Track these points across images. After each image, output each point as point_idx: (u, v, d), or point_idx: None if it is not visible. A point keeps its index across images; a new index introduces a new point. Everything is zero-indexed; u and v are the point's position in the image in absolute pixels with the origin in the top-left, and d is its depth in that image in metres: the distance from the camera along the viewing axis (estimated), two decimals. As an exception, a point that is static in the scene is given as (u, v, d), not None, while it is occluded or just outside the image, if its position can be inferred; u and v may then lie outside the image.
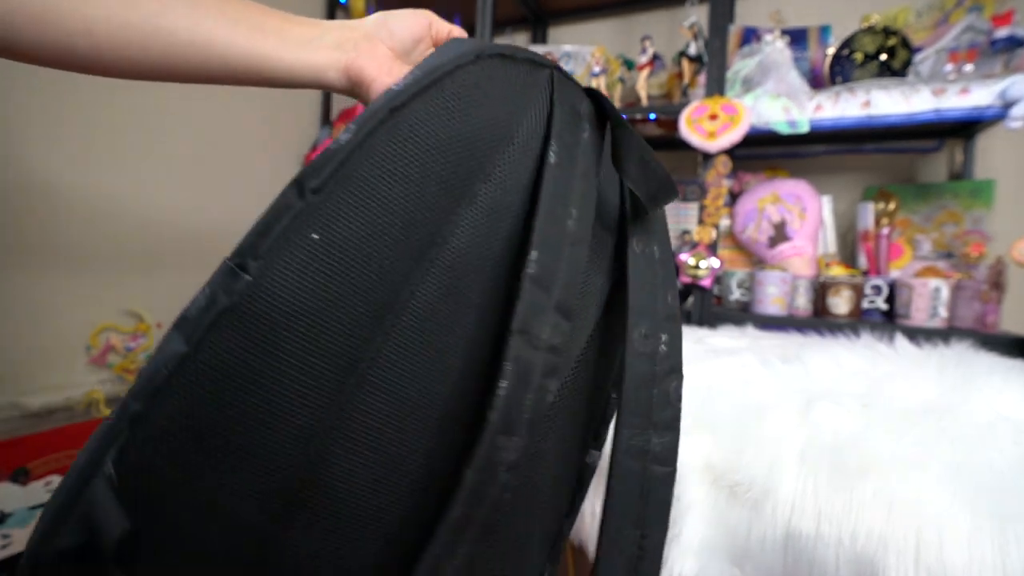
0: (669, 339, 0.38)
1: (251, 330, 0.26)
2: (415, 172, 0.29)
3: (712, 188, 1.13)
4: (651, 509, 0.36)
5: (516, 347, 0.29)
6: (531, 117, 0.34)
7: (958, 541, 0.52)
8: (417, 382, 0.30)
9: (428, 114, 0.29)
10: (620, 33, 1.61)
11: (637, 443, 0.36)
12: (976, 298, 0.98)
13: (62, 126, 1.07)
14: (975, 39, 1.06)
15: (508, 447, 0.29)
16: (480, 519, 0.29)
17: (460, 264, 0.31)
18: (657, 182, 0.38)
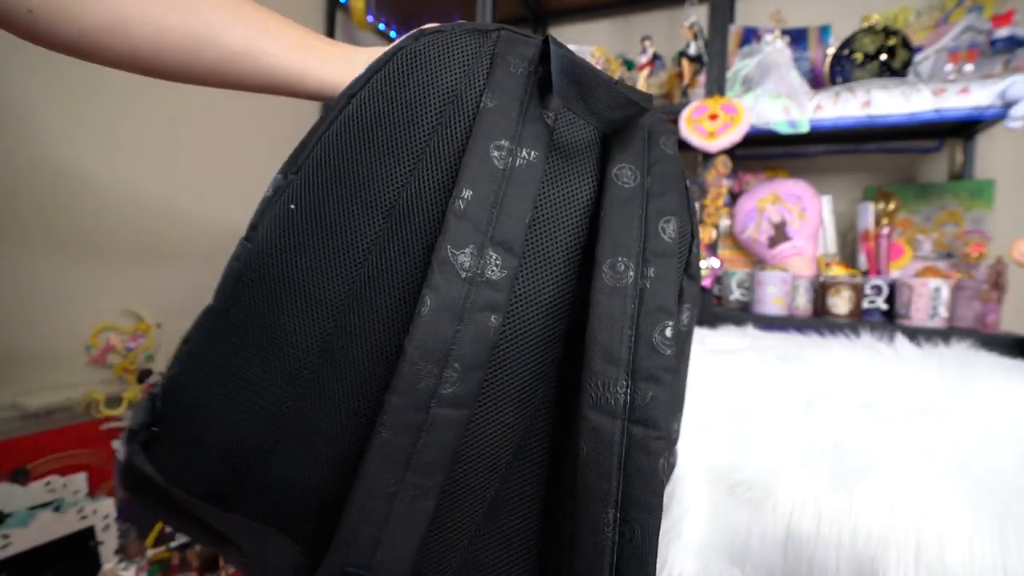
0: (658, 275, 0.32)
1: (251, 283, 0.34)
2: (369, 144, 0.34)
3: (712, 188, 1.13)
4: (633, 484, 0.29)
5: (435, 278, 0.30)
6: (477, 79, 0.35)
7: (959, 541, 0.52)
8: (375, 331, 0.34)
9: (376, 93, 0.34)
10: (620, 33, 1.61)
11: (607, 396, 0.30)
12: (976, 298, 0.98)
13: (62, 126, 1.07)
14: (975, 39, 1.06)
15: (440, 377, 0.30)
16: (420, 453, 0.30)
17: (413, 220, 0.34)
18: (601, 99, 0.35)
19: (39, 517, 0.86)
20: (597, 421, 0.30)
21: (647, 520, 0.29)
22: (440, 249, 0.30)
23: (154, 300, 1.25)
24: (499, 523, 0.36)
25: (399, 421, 0.30)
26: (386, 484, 0.30)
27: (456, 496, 0.34)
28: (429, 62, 0.35)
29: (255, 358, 0.34)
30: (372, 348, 0.33)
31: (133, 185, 1.20)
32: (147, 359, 1.22)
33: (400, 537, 0.30)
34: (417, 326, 0.30)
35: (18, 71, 0.99)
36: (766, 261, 1.23)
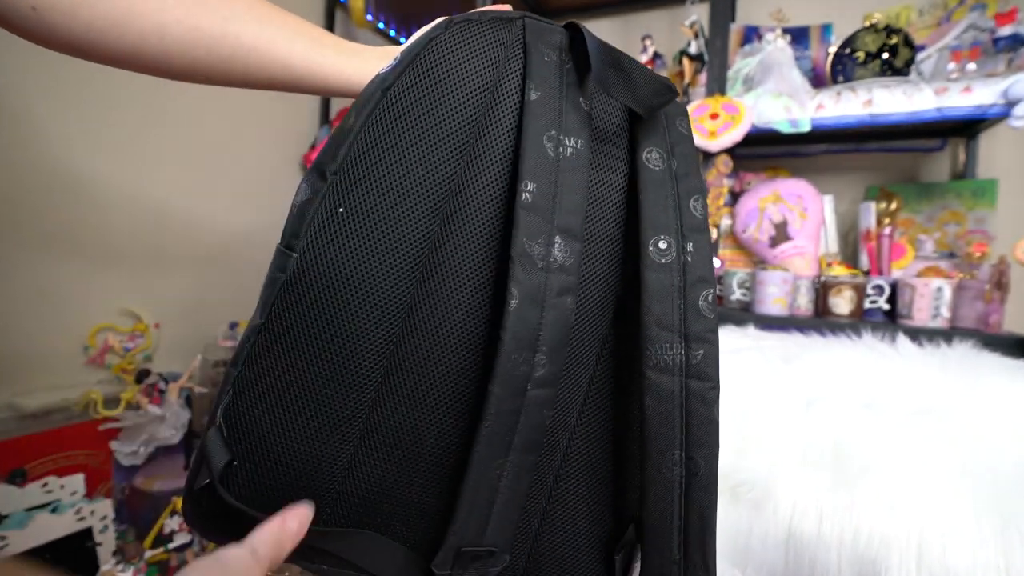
0: (696, 249, 0.37)
1: (304, 295, 0.33)
2: (412, 138, 0.34)
3: (713, 187, 1.12)
4: (694, 429, 0.35)
5: (516, 271, 0.32)
6: (512, 69, 0.36)
7: (961, 542, 0.52)
8: (452, 324, 0.35)
9: (413, 85, 0.34)
10: (620, 32, 1.61)
11: (667, 357, 0.35)
12: (979, 298, 0.97)
13: (60, 126, 1.06)
14: (978, 37, 1.05)
15: (532, 362, 0.33)
16: (520, 435, 0.33)
17: (474, 213, 0.35)
18: (642, 86, 0.37)
19: (36, 518, 0.86)
20: (658, 379, 0.35)
21: (709, 456, 0.34)
22: (517, 243, 0.32)
23: (152, 300, 1.24)
24: (569, 481, 0.40)
25: (502, 409, 0.32)
26: (493, 467, 0.33)
27: (539, 465, 0.38)
28: (462, 52, 0.35)
29: (316, 369, 0.33)
30: (446, 342, 0.35)
31: (132, 185, 1.20)
32: (145, 359, 1.22)
33: (505, 513, 0.34)
34: (508, 317, 0.32)
35: (15, 71, 0.99)
36: (767, 261, 1.22)
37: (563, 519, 0.41)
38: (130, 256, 1.21)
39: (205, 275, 1.35)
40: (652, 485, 0.35)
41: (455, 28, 0.35)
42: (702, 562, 0.35)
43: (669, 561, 0.35)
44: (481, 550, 0.34)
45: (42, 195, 1.04)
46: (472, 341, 0.35)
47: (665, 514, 0.35)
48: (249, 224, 1.49)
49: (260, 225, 1.53)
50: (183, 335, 1.31)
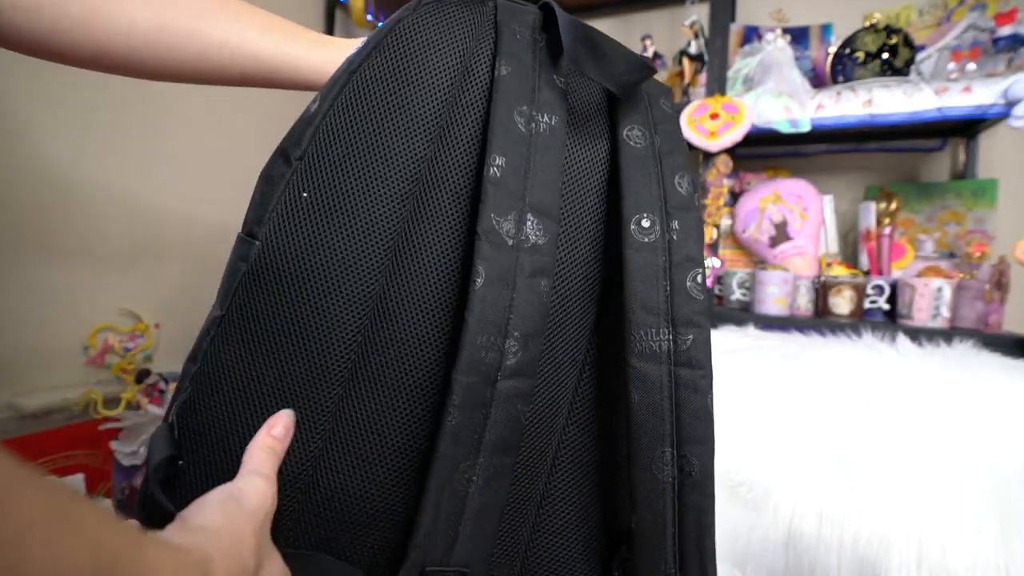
0: (682, 227, 0.34)
1: (268, 284, 0.31)
2: (380, 121, 0.32)
3: (713, 188, 1.12)
4: (686, 422, 0.31)
5: (484, 248, 0.30)
6: (483, 48, 0.35)
7: (961, 542, 0.52)
8: (423, 312, 0.32)
9: (380, 67, 0.32)
10: (620, 32, 1.61)
11: (653, 344, 0.32)
12: (979, 298, 0.97)
13: (62, 125, 1.06)
14: (978, 37, 1.05)
15: (502, 349, 0.29)
16: (490, 431, 0.29)
17: (445, 196, 0.33)
18: (616, 63, 0.35)
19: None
20: (644, 368, 0.32)
21: (703, 452, 0.31)
22: (484, 218, 0.30)
23: (152, 300, 1.24)
24: (561, 489, 0.37)
25: (468, 400, 0.29)
26: (461, 470, 0.29)
27: (522, 470, 0.34)
28: (432, 32, 0.34)
29: (282, 363, 0.31)
30: (417, 331, 0.32)
31: (131, 186, 1.20)
32: (145, 359, 1.22)
33: (478, 526, 0.30)
34: (474, 298, 0.29)
35: (9, 74, 0.99)
36: (767, 261, 1.22)
37: (555, 533, 0.37)
38: (130, 256, 1.21)
39: (205, 275, 1.35)
40: (641, 488, 0.32)
41: (423, 9, 0.34)
42: (700, 574, 0.31)
43: (662, 574, 0.31)
44: (449, 570, 0.29)
45: (42, 196, 1.04)
46: (443, 330, 0.33)
47: (657, 521, 0.31)
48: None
49: (260, 225, 1.52)
50: (183, 335, 1.31)
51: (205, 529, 0.24)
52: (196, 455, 0.31)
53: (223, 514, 0.25)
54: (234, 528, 0.25)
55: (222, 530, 0.24)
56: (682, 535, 0.31)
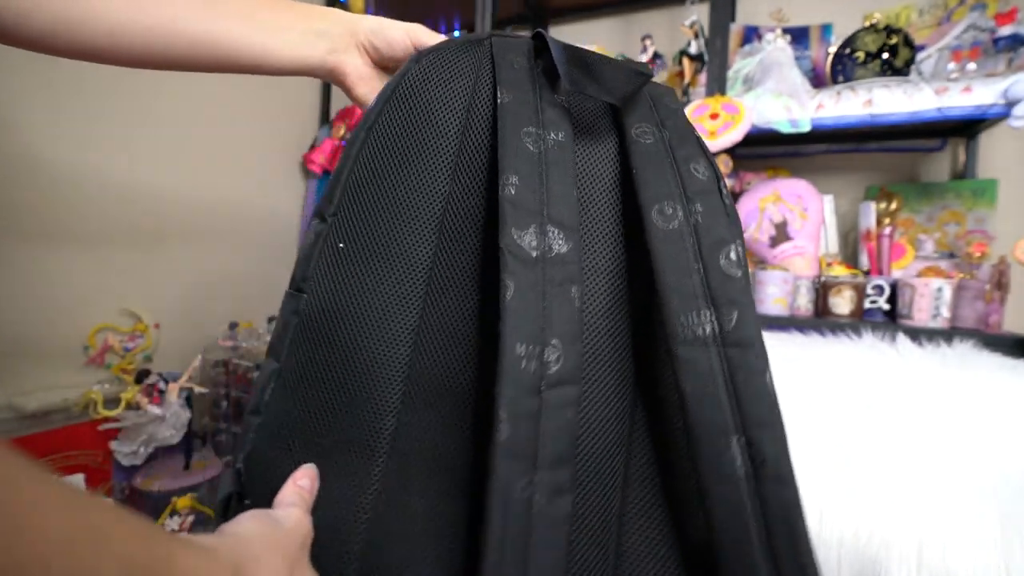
0: (706, 210, 0.34)
1: (319, 332, 0.33)
2: (400, 168, 0.35)
3: (713, 187, 1.12)
4: (748, 405, 0.29)
5: (509, 262, 0.30)
6: (484, 83, 0.37)
7: (961, 542, 0.51)
8: (460, 338, 0.35)
9: (394, 120, 0.35)
10: (620, 32, 1.61)
11: (696, 330, 0.30)
12: (979, 298, 0.97)
13: (60, 127, 1.06)
14: (978, 37, 1.05)
15: (542, 357, 0.29)
16: (543, 444, 0.28)
17: (467, 226, 0.36)
18: (612, 78, 0.36)
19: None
20: (690, 355, 0.30)
21: (774, 437, 0.28)
22: (505, 235, 0.31)
23: (152, 300, 1.24)
24: (641, 503, 0.35)
25: (516, 412, 0.28)
26: (520, 487, 0.27)
27: (589, 487, 0.32)
28: (435, 80, 0.36)
29: (336, 403, 0.33)
30: (458, 356, 0.34)
31: (132, 186, 1.20)
32: (145, 359, 1.22)
33: (547, 550, 0.27)
34: (507, 311, 0.29)
35: (9, 71, 0.99)
36: (767, 261, 1.22)
37: (643, 551, 0.34)
38: (130, 256, 1.20)
39: (205, 275, 1.35)
40: (713, 491, 0.29)
41: (426, 59, 0.36)
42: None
43: None
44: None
45: (42, 196, 1.04)
46: (476, 353, 0.35)
47: (738, 527, 0.28)
48: (249, 225, 1.49)
49: (260, 226, 1.53)
50: (183, 335, 1.31)
51: (238, 535, 0.25)
52: (260, 499, 0.31)
53: (257, 524, 0.26)
54: (268, 539, 0.25)
55: (255, 538, 0.25)
56: (771, 537, 0.28)
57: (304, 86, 1.69)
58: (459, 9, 1.69)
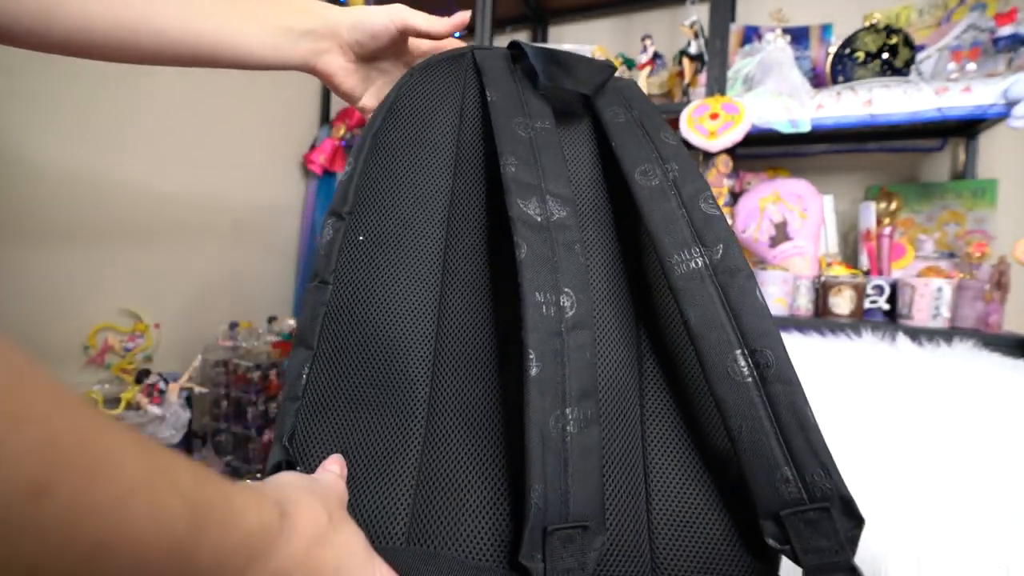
0: (680, 168, 0.39)
1: (347, 317, 0.36)
2: (406, 166, 0.39)
3: (713, 187, 1.12)
4: (746, 321, 0.33)
5: (519, 229, 0.34)
6: (471, 88, 0.43)
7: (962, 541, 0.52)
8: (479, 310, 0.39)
9: (395, 125, 0.40)
10: (620, 32, 1.61)
11: (691, 264, 0.35)
12: (979, 298, 0.97)
13: (60, 127, 1.06)
14: (978, 37, 1.05)
15: (559, 304, 0.33)
16: (570, 379, 0.32)
17: (472, 213, 0.40)
18: (583, 72, 0.42)
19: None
20: (690, 286, 0.34)
21: (774, 344, 0.32)
22: (512, 206, 0.35)
23: (152, 300, 1.24)
24: (663, 432, 0.38)
25: (544, 352, 0.31)
26: (554, 421, 0.30)
27: (611, 419, 0.36)
28: (430, 88, 0.42)
29: (377, 380, 0.35)
30: (479, 326, 0.38)
31: (132, 186, 1.20)
32: (145, 359, 1.22)
33: (585, 478, 0.30)
34: (523, 267, 0.33)
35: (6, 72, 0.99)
36: (767, 261, 1.22)
37: (672, 477, 0.36)
38: (130, 256, 1.21)
39: (205, 276, 1.35)
40: (727, 398, 0.32)
41: (418, 73, 0.42)
42: (817, 464, 0.29)
43: (781, 480, 0.30)
44: (571, 527, 0.29)
45: (42, 197, 1.04)
46: (496, 321, 0.38)
47: (754, 423, 0.31)
48: (249, 224, 1.49)
49: (260, 225, 1.53)
50: (183, 335, 1.31)
51: (278, 483, 0.27)
52: (305, 471, 0.33)
53: (295, 477, 0.28)
54: (306, 488, 0.27)
55: (293, 485, 0.26)
56: (784, 431, 0.30)
57: (304, 86, 1.69)
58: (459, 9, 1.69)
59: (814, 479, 0.29)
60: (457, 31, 0.48)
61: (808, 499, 0.29)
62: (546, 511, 0.29)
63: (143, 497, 0.16)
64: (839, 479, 0.29)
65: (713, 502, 0.36)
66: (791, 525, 0.29)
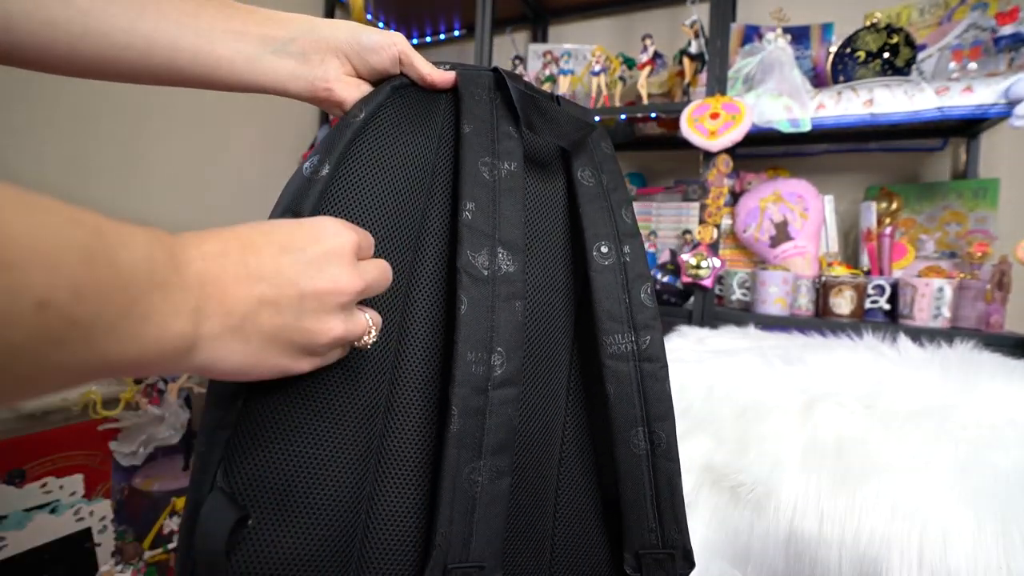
0: (632, 251, 0.42)
1: None
2: (384, 181, 0.36)
3: (713, 187, 1.12)
4: (652, 405, 0.39)
5: (464, 280, 0.35)
6: (446, 114, 0.42)
7: (962, 542, 0.51)
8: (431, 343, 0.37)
9: (378, 133, 0.37)
10: (621, 31, 1.61)
11: (620, 346, 0.40)
12: (980, 298, 0.97)
13: (57, 126, 1.06)
14: (979, 37, 1.05)
15: (489, 363, 0.35)
16: (488, 435, 0.34)
17: (435, 241, 0.39)
18: (564, 125, 0.42)
19: (35, 519, 0.86)
20: (616, 366, 0.39)
21: (667, 427, 0.39)
22: (462, 256, 0.36)
23: (152, 300, 1.24)
24: (572, 477, 0.43)
25: (467, 408, 0.33)
26: (466, 472, 0.33)
27: (532, 467, 0.40)
28: (407, 113, 0.39)
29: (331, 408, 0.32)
30: (430, 359, 0.37)
31: (132, 186, 1.20)
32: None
33: (488, 521, 0.33)
34: (460, 323, 0.34)
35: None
36: (768, 261, 1.22)
37: (574, 518, 0.42)
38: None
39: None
40: (623, 462, 0.39)
41: (399, 93, 0.39)
42: (675, 523, 0.39)
43: (647, 530, 0.39)
44: (468, 567, 0.33)
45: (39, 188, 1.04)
46: (440, 354, 0.38)
47: (637, 487, 0.39)
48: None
49: (260, 225, 1.52)
50: (183, 335, 1.31)
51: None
52: (263, 510, 0.29)
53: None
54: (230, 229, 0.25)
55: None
56: (658, 495, 0.39)
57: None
58: (459, 9, 1.69)
59: (671, 533, 0.39)
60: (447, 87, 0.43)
61: (662, 545, 0.39)
62: (447, 550, 0.32)
63: (11, 207, 0.16)
64: (686, 533, 0.40)
65: (599, 534, 0.43)
66: (646, 561, 0.39)
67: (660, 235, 1.40)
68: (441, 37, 1.85)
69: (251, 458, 0.29)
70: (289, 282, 0.25)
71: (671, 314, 1.19)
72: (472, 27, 1.56)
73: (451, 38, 1.85)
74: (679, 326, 0.98)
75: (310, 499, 0.30)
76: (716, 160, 1.11)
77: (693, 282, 1.13)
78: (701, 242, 1.14)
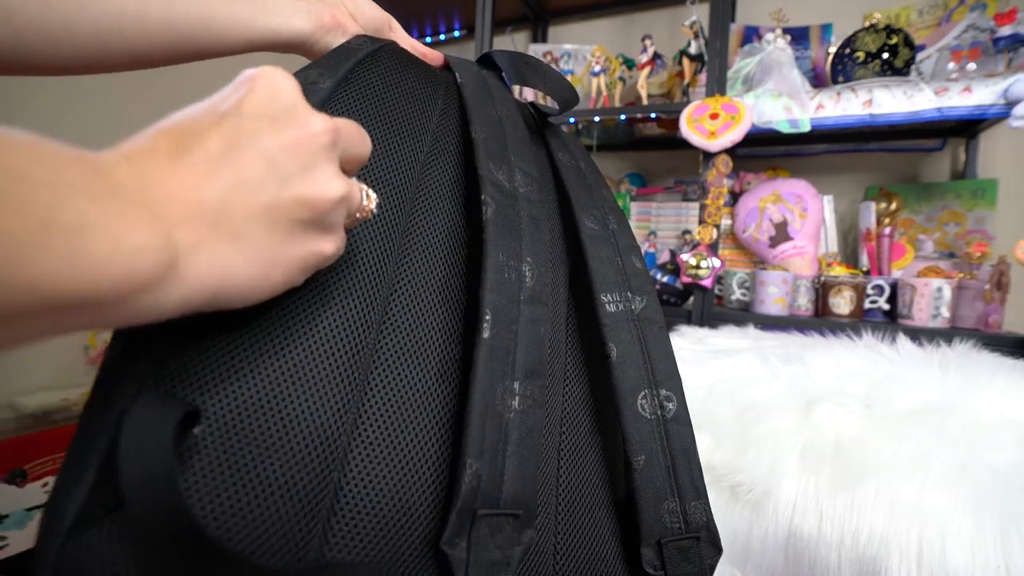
0: (618, 223, 0.43)
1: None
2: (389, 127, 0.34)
3: (713, 188, 1.12)
4: (657, 363, 0.37)
5: (488, 189, 0.34)
6: (452, 92, 0.42)
7: (961, 542, 0.51)
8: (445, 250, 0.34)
9: (381, 66, 0.36)
10: (620, 32, 1.61)
11: (620, 306, 0.38)
12: (979, 298, 0.97)
13: (56, 126, 1.06)
14: (978, 37, 1.05)
15: (519, 270, 0.32)
16: (521, 352, 0.30)
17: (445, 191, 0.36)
18: (556, 81, 0.44)
19: (36, 518, 0.86)
20: (616, 324, 0.38)
21: (675, 386, 0.37)
22: (482, 166, 0.34)
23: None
24: (576, 427, 0.38)
25: (499, 317, 0.29)
26: (499, 393, 0.28)
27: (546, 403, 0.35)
28: (406, 69, 0.38)
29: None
30: (440, 282, 0.32)
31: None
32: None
33: (521, 460, 0.27)
34: (489, 225, 0.32)
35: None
36: (767, 261, 1.22)
37: (580, 467, 0.36)
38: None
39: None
40: (634, 434, 0.35)
41: (387, 50, 0.39)
42: (696, 496, 0.34)
43: (667, 511, 0.34)
44: (502, 515, 0.26)
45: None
46: (457, 289, 0.33)
47: (652, 459, 0.34)
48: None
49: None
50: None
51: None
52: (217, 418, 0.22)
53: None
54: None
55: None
56: (675, 466, 0.35)
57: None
58: (459, 9, 1.69)
59: (693, 512, 0.34)
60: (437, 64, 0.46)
61: (685, 529, 0.34)
62: (476, 487, 0.25)
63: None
64: (709, 511, 0.35)
65: (607, 517, 0.36)
66: (668, 552, 0.33)
67: (660, 235, 1.40)
68: (441, 37, 1.85)
69: (202, 358, 0.22)
70: (250, 148, 0.20)
71: (671, 314, 1.19)
72: (472, 27, 1.56)
73: (451, 38, 1.85)
74: (679, 326, 0.98)
75: (281, 406, 0.23)
76: (716, 160, 1.12)
77: (693, 282, 1.13)
78: (701, 242, 1.14)
